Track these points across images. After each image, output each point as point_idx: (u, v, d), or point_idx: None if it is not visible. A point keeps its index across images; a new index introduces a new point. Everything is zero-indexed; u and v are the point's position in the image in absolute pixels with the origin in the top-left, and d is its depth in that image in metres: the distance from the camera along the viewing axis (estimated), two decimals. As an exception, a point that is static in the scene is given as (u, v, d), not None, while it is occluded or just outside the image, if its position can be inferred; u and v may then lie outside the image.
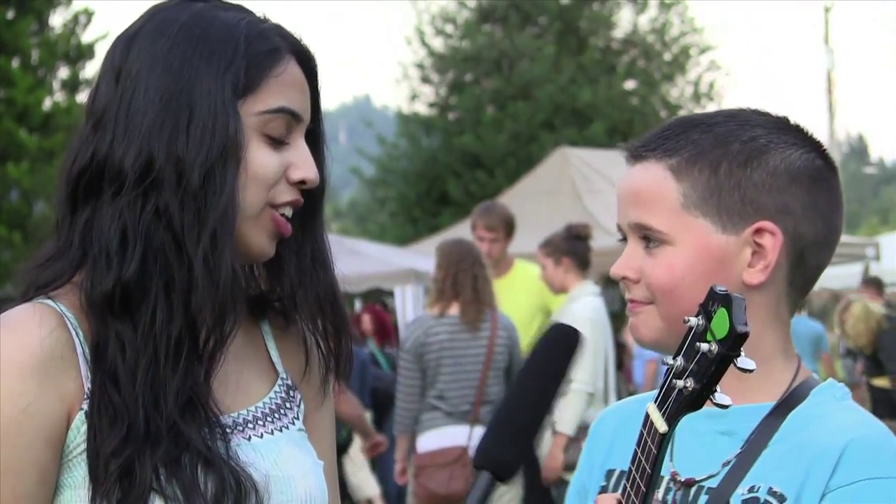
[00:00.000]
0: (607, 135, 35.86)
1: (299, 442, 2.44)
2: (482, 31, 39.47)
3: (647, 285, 2.39)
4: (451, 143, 37.66)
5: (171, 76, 2.29)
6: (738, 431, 2.35)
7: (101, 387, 2.21)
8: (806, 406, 2.35)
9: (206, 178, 2.25)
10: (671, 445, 2.33)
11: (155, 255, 2.24)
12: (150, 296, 2.23)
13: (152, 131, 2.26)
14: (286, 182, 2.34)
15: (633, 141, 2.49)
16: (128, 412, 2.20)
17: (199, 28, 2.33)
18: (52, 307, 2.25)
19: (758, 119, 2.44)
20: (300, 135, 2.38)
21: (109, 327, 2.23)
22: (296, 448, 2.42)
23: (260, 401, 2.42)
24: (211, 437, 2.26)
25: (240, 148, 2.28)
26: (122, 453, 2.17)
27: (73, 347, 2.24)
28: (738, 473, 2.31)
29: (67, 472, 2.22)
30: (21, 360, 2.18)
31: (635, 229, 2.42)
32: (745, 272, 2.35)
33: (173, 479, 2.19)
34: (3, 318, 2.24)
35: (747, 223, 2.35)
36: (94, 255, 2.25)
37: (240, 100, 2.30)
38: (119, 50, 2.36)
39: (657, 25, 40.77)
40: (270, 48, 2.35)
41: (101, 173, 2.28)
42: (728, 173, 2.36)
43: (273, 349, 2.51)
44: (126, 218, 2.25)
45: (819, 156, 2.43)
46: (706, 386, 2.00)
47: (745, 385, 2.32)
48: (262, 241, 2.34)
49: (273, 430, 2.40)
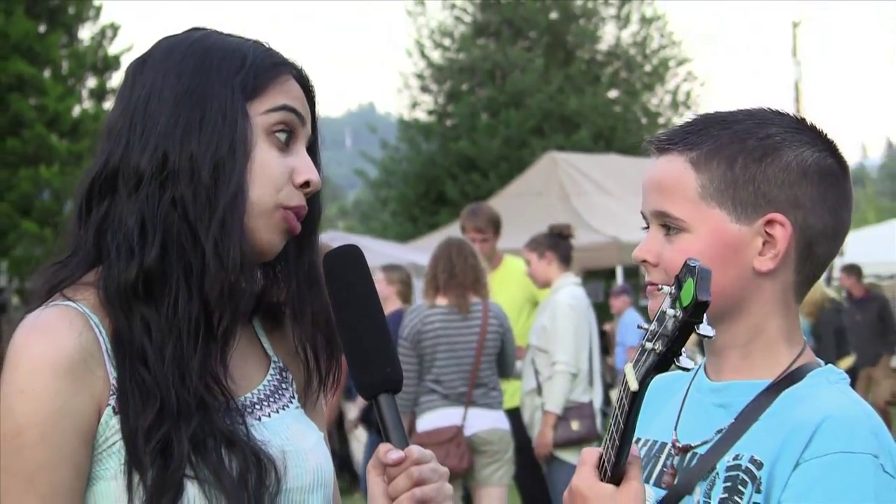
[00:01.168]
0: (592, 140, 35.93)
1: (301, 419, 2.45)
2: (477, 45, 39.46)
3: (664, 269, 2.38)
4: (448, 147, 37.69)
5: (183, 82, 2.31)
6: (734, 405, 2.36)
7: (130, 369, 2.21)
8: (800, 386, 2.35)
9: (216, 170, 2.27)
10: (679, 415, 2.33)
11: (173, 242, 2.25)
12: (171, 280, 2.24)
13: (167, 131, 2.28)
14: (292, 186, 2.34)
15: (659, 134, 2.49)
16: (159, 389, 2.20)
17: (208, 43, 2.37)
18: (76, 308, 2.24)
19: (775, 118, 2.44)
20: (302, 144, 2.39)
21: (134, 312, 2.23)
22: (300, 424, 2.43)
23: (260, 384, 2.43)
24: (230, 419, 2.27)
25: (248, 143, 2.30)
26: (159, 429, 2.17)
27: (98, 346, 2.23)
28: (727, 443, 2.32)
29: (100, 465, 2.20)
30: (56, 361, 2.16)
31: (656, 216, 2.42)
32: (755, 260, 2.35)
33: (201, 461, 2.19)
34: (35, 321, 2.22)
35: (760, 214, 2.36)
36: (115, 246, 2.25)
37: (248, 102, 2.32)
38: (132, 72, 2.39)
39: (638, 39, 40.84)
40: (275, 62, 2.38)
41: (114, 175, 2.29)
42: (744, 168, 2.36)
43: (264, 338, 2.52)
44: (145, 210, 2.25)
45: (831, 155, 2.43)
46: (671, 349, 2.02)
47: (748, 363, 2.35)
48: (273, 237, 2.34)
49: (277, 410, 2.41)
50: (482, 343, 9.35)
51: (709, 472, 2.31)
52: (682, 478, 2.36)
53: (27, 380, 2.16)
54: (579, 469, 2.22)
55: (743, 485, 2.26)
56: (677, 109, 40.44)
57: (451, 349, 9.30)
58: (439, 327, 9.29)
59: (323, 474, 2.40)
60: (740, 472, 2.27)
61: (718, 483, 2.29)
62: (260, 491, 2.23)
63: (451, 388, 9.34)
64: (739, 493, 2.26)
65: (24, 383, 2.16)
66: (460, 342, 9.33)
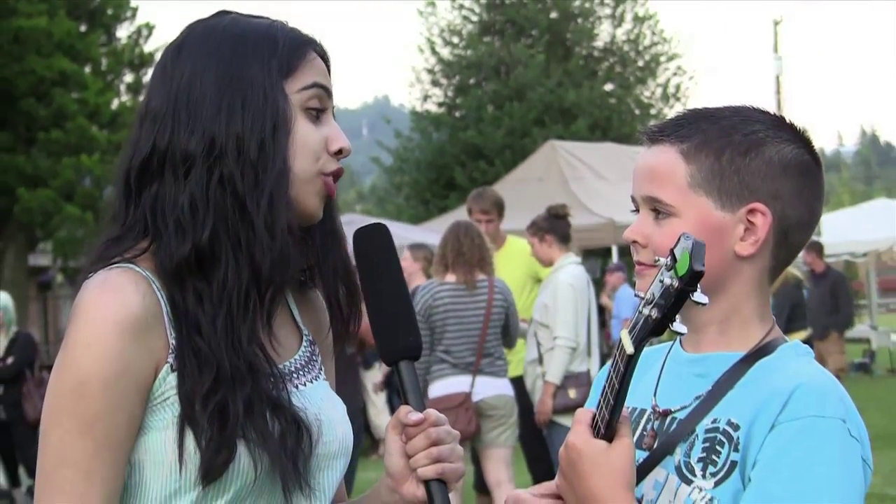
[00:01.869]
0: (589, 130, 35.87)
1: (329, 391, 2.45)
2: (483, 42, 39.38)
3: (653, 250, 2.38)
4: (457, 137, 37.65)
5: (222, 68, 2.30)
6: (712, 374, 2.37)
7: (187, 337, 2.22)
8: (771, 358, 2.36)
9: (261, 149, 2.26)
10: (657, 383, 2.35)
11: (223, 219, 2.24)
12: (222, 255, 2.24)
13: (212, 115, 2.27)
14: (328, 154, 2.35)
15: (652, 126, 2.49)
16: (214, 356, 2.20)
17: (240, 28, 2.35)
18: (139, 272, 2.24)
19: (758, 116, 2.45)
20: (330, 114, 2.39)
21: (188, 285, 2.23)
22: (330, 396, 2.44)
23: (296, 354, 2.42)
24: (275, 385, 2.27)
25: (288, 121, 2.30)
26: (216, 393, 2.18)
27: (160, 308, 2.23)
28: (706, 407, 2.33)
29: (153, 416, 2.20)
30: (121, 319, 2.17)
31: (647, 202, 2.42)
32: (737, 245, 2.36)
33: (250, 423, 2.19)
34: (104, 280, 2.22)
35: (743, 203, 2.36)
36: (168, 225, 2.25)
37: (284, 81, 2.32)
38: (169, 58, 2.36)
39: (632, 37, 40.72)
40: (302, 41, 2.38)
41: (162, 159, 2.27)
42: (730, 160, 2.37)
43: (296, 311, 2.50)
44: (195, 190, 2.25)
45: (808, 151, 2.43)
46: (666, 315, 2.03)
47: (724, 338, 2.36)
48: (314, 202, 2.34)
49: (311, 380, 2.41)
50: (488, 316, 9.38)
51: (688, 435, 2.33)
52: (664, 439, 2.37)
53: (94, 335, 2.16)
54: (574, 427, 2.24)
55: (720, 445, 2.28)
56: (668, 101, 40.42)
57: (459, 322, 9.35)
58: (449, 302, 9.32)
59: (347, 443, 2.41)
60: (718, 433, 2.29)
61: (697, 443, 2.31)
62: (296, 453, 2.23)
63: (459, 358, 9.38)
64: (717, 451, 2.28)
65: (91, 338, 2.16)
66: (468, 316, 9.37)
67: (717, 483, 2.27)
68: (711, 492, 2.27)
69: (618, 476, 2.18)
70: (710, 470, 2.28)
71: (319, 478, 2.35)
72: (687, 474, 2.31)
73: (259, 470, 2.19)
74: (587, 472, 2.20)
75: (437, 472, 2.30)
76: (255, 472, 2.19)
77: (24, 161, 32.38)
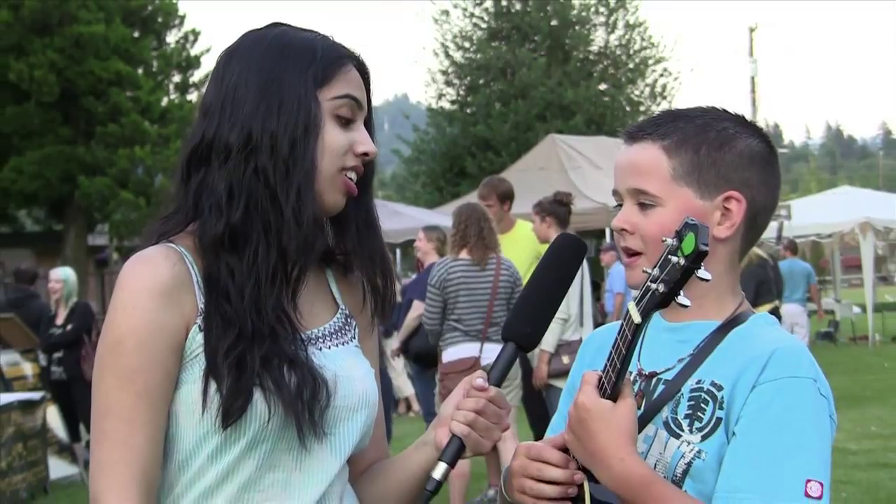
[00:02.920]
0: (586, 125, 35.95)
1: (356, 354, 2.46)
2: (491, 47, 39.47)
3: (640, 237, 2.40)
4: (468, 131, 37.78)
5: (265, 74, 2.32)
6: (692, 340, 2.38)
7: (215, 303, 2.25)
8: (744, 326, 2.37)
9: (293, 147, 2.28)
10: (640, 349, 2.34)
11: (255, 204, 2.27)
12: (252, 235, 2.27)
13: (252, 114, 2.29)
14: (352, 154, 2.36)
15: (631, 126, 2.50)
16: (238, 319, 2.24)
17: (286, 39, 2.37)
18: (173, 248, 2.28)
19: (725, 115, 2.46)
20: (361, 121, 2.40)
21: (221, 260, 2.27)
22: (355, 358, 2.45)
23: (326, 323, 2.44)
24: (294, 344, 2.29)
25: (318, 125, 2.31)
26: (236, 348, 2.22)
27: (190, 277, 2.27)
28: (689, 370, 2.34)
29: (185, 371, 2.25)
30: (153, 286, 2.22)
31: (633, 194, 2.42)
32: (715, 229, 2.36)
33: (266, 374, 2.22)
34: (140, 255, 2.28)
35: (720, 192, 2.37)
36: (207, 207, 2.29)
37: (318, 90, 2.33)
38: (223, 61, 2.39)
39: (623, 42, 40.85)
40: (339, 55, 2.38)
41: (209, 148, 2.31)
42: (707, 154, 2.38)
43: (335, 289, 2.53)
44: (232, 178, 2.28)
45: (767, 144, 2.46)
46: (672, 290, 2.04)
47: (703, 309, 2.36)
48: (336, 197, 2.36)
49: (338, 344, 2.42)
50: (495, 290, 9.43)
51: (675, 394, 2.34)
52: (653, 399, 2.38)
53: (129, 299, 2.22)
54: (583, 388, 2.25)
55: (705, 403, 2.29)
56: (655, 100, 40.55)
57: (470, 294, 9.39)
58: (461, 276, 9.38)
59: (368, 398, 2.41)
60: (702, 392, 2.30)
61: (683, 402, 2.32)
62: (312, 403, 2.25)
63: (470, 326, 9.43)
64: (702, 409, 2.29)
65: (126, 302, 2.22)
66: (478, 289, 9.42)
67: (704, 437, 2.28)
68: (699, 445, 2.28)
69: (623, 431, 2.20)
70: (697, 425, 2.29)
71: (339, 428, 2.36)
72: (675, 429, 2.32)
73: (273, 415, 2.23)
74: (595, 428, 2.21)
75: (463, 433, 2.33)
76: (268, 416, 2.23)
77: (84, 152, 32.56)
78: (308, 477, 2.32)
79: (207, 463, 2.26)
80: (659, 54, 41.01)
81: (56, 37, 32.01)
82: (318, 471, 2.33)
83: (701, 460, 2.27)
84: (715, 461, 2.25)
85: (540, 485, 2.32)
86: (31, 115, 32.30)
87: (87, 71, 32.21)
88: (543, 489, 2.31)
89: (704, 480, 2.26)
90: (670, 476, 2.29)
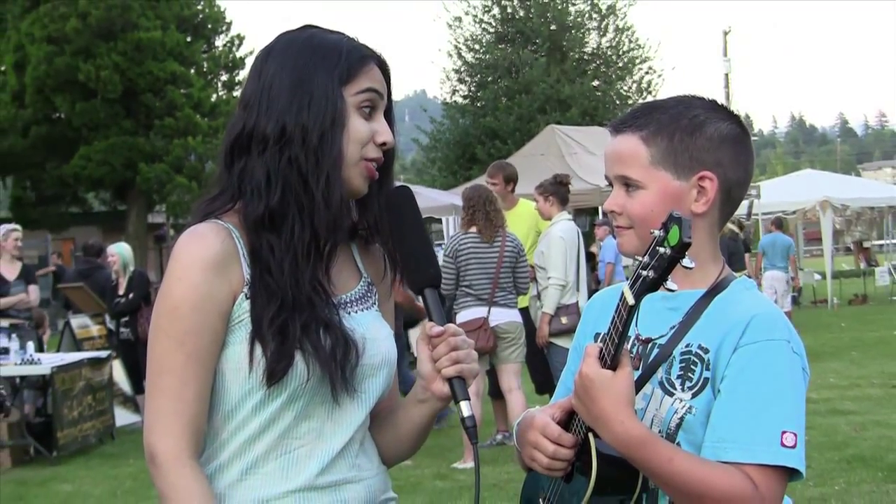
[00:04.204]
0: (581, 117, 35.90)
1: (378, 318, 2.46)
2: (498, 49, 39.43)
3: (628, 216, 2.39)
4: (478, 122, 37.75)
5: (297, 73, 2.31)
6: (681, 308, 2.37)
7: (260, 276, 2.25)
8: (726, 293, 2.37)
9: (321, 139, 2.27)
10: (637, 316, 2.31)
11: (290, 189, 2.26)
12: (289, 217, 2.26)
13: (286, 108, 2.28)
14: (373, 144, 2.34)
15: (615, 120, 2.48)
16: (280, 290, 2.23)
17: (315, 41, 2.36)
18: (221, 224, 2.28)
19: (697, 102, 2.44)
20: (381, 113, 2.39)
21: (262, 238, 2.26)
22: (378, 321, 2.44)
23: (352, 290, 2.43)
24: (329, 310, 2.29)
25: (344, 118, 2.30)
26: (279, 317, 2.21)
27: (237, 251, 2.26)
28: (679, 335, 2.34)
29: (232, 334, 2.24)
30: (204, 259, 2.21)
31: (619, 179, 2.41)
32: (692, 205, 2.36)
33: (306, 338, 2.22)
34: (192, 230, 2.27)
35: (694, 173, 2.35)
36: (249, 190, 2.28)
37: (343, 87, 2.31)
38: (260, 60, 2.38)
39: (613, 44, 40.79)
40: (362, 55, 2.36)
41: (249, 139, 2.30)
42: (680, 140, 2.36)
43: (359, 260, 2.52)
44: (270, 166, 2.27)
45: (738, 125, 2.43)
46: (661, 276, 2.04)
47: (689, 278, 2.34)
48: (360, 182, 2.34)
49: (363, 309, 2.42)
50: (501, 260, 9.51)
51: (668, 357, 2.34)
52: (649, 362, 2.38)
53: (183, 270, 2.22)
54: (585, 359, 2.25)
55: (694, 364, 2.30)
56: (641, 94, 40.44)
57: (479, 263, 9.50)
58: (470, 248, 9.49)
59: (389, 357, 2.42)
60: (691, 355, 2.31)
61: (675, 364, 2.33)
62: (345, 363, 2.26)
63: (479, 292, 9.50)
64: (692, 370, 2.30)
65: (181, 273, 2.22)
66: (486, 259, 9.52)
67: (694, 395, 2.29)
68: (690, 401, 2.29)
69: (622, 397, 2.20)
70: (687, 384, 2.30)
71: (365, 384, 2.36)
72: (668, 388, 2.33)
73: (311, 373, 2.23)
74: (597, 395, 2.21)
75: (457, 371, 2.31)
76: (307, 376, 2.23)
77: (144, 142, 32.71)
78: (338, 426, 2.33)
79: (251, 414, 2.26)
80: (644, 54, 40.96)
81: (119, 41, 32.15)
82: (346, 420, 2.34)
83: (692, 415, 2.28)
84: (703, 415, 2.26)
85: (552, 461, 2.34)
86: (97, 111, 32.45)
87: (146, 71, 32.32)
88: (555, 465, 2.35)
89: (695, 432, 2.27)
90: (665, 429, 2.31)
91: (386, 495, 2.47)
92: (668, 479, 2.21)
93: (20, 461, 11.52)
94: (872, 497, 8.08)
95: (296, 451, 2.29)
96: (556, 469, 2.35)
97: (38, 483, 10.44)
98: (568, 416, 2.36)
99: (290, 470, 2.29)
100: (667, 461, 2.19)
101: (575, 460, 2.34)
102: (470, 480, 9.30)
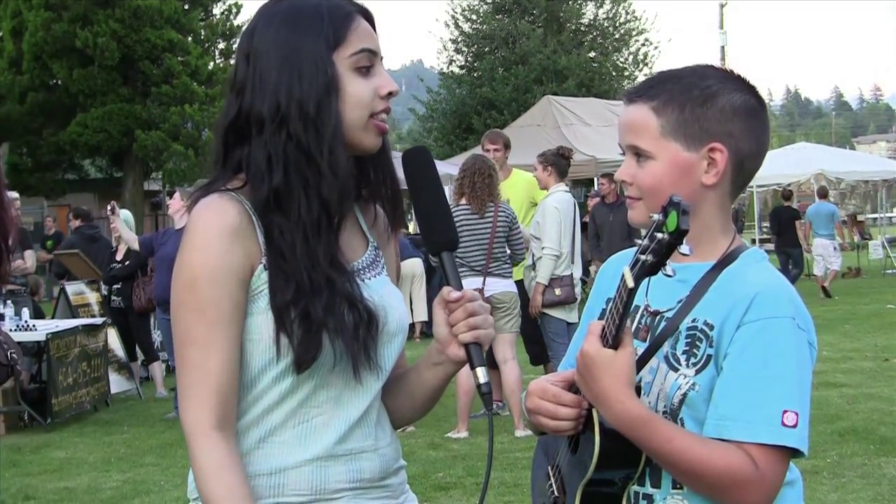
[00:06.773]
0: (577, 88, 36.00)
1: (389, 283, 2.45)
2: (495, 19, 39.60)
3: (638, 186, 2.37)
4: (475, 92, 37.90)
5: (282, 48, 2.26)
6: (690, 280, 2.34)
7: (273, 260, 2.23)
8: (735, 265, 2.34)
9: (319, 109, 2.23)
10: (647, 287, 2.31)
11: (292, 166, 2.23)
12: (294, 195, 2.23)
13: (276, 86, 2.24)
14: (379, 97, 2.31)
15: (629, 88, 2.44)
16: (294, 275, 2.21)
17: (295, 9, 2.30)
18: (236, 197, 2.25)
19: (711, 72, 2.40)
20: (380, 64, 2.35)
21: (272, 220, 2.24)
22: (389, 286, 2.43)
23: (362, 256, 2.41)
24: (350, 284, 2.27)
25: (338, 83, 2.25)
26: (298, 303, 2.20)
27: (252, 223, 2.24)
28: (686, 309, 2.32)
29: (252, 304, 2.22)
30: (222, 228, 2.19)
31: (630, 149, 2.38)
32: (703, 177, 2.33)
33: (330, 319, 2.20)
34: (209, 201, 2.24)
35: (704, 144, 2.32)
36: (251, 174, 2.25)
37: (333, 51, 2.27)
38: (245, 41, 2.34)
39: (610, 15, 41.04)
40: (346, 13, 2.31)
41: (246, 121, 2.27)
42: (691, 111, 2.33)
43: (364, 224, 2.49)
44: (269, 147, 2.24)
45: (753, 96, 2.39)
46: (659, 261, 2.02)
47: (699, 250, 2.30)
48: (372, 140, 2.31)
49: (375, 275, 2.40)
50: (494, 231, 9.55)
51: (674, 331, 2.32)
52: (656, 335, 2.37)
53: (201, 241, 2.20)
54: (588, 338, 2.24)
55: (699, 340, 2.28)
56: (638, 66, 40.71)
57: (473, 235, 9.51)
58: (462, 219, 9.47)
59: (403, 324, 2.41)
60: (697, 331, 2.29)
61: (681, 339, 2.31)
62: (367, 340, 2.25)
63: (474, 262, 9.53)
64: (697, 346, 2.28)
65: (199, 243, 2.20)
66: (480, 230, 9.54)
67: (698, 371, 2.27)
68: (693, 378, 2.27)
69: (622, 376, 2.19)
70: (692, 360, 2.28)
71: (381, 352, 2.35)
72: (673, 363, 2.31)
73: (336, 356, 2.22)
74: (598, 373, 2.20)
75: (474, 337, 2.30)
76: (333, 358, 2.23)
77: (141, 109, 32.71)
78: (355, 394, 2.32)
79: (271, 384, 2.25)
80: (641, 26, 41.10)
81: (117, 9, 32.10)
82: (363, 389, 2.33)
83: (695, 392, 2.26)
84: (707, 392, 2.25)
85: (557, 422, 2.33)
86: (94, 77, 32.39)
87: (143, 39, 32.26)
88: (561, 425, 2.33)
89: (698, 409, 2.25)
90: (668, 404, 2.29)
91: (398, 464, 2.46)
92: (668, 458, 2.20)
93: (14, 428, 11.51)
94: (864, 469, 8.09)
95: (313, 420, 2.29)
96: (564, 429, 2.34)
97: (33, 450, 10.45)
98: (570, 387, 2.35)
99: (307, 438, 2.28)
100: (666, 441, 2.19)
101: (581, 430, 2.34)
102: (463, 450, 9.33)
